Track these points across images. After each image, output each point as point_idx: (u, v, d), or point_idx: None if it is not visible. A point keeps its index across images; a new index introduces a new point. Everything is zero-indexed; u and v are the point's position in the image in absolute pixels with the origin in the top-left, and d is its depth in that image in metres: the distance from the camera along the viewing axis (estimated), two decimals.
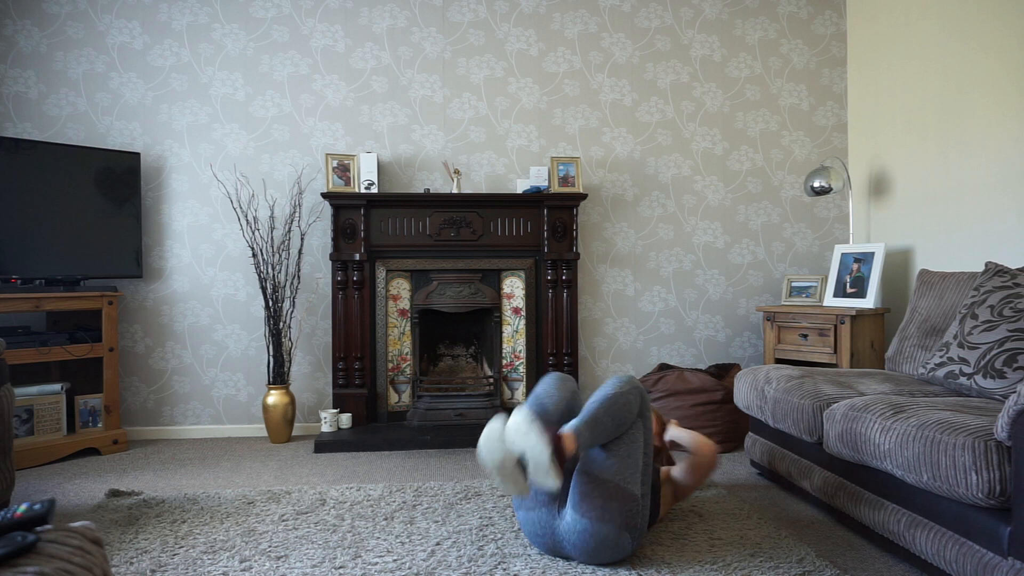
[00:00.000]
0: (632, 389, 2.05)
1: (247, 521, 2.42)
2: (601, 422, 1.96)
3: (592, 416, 1.96)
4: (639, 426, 2.05)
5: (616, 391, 2.03)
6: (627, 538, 1.96)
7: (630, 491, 1.95)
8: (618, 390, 2.03)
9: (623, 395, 2.02)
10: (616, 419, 1.98)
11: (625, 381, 2.08)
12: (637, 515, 1.97)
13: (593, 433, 1.94)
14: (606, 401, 2.00)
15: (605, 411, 1.97)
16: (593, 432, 1.94)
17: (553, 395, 2.14)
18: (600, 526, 1.92)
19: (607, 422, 1.97)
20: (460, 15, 4.03)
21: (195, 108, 3.90)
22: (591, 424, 1.94)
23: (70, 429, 3.53)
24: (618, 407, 2.00)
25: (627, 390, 2.04)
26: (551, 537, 2.01)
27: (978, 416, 1.87)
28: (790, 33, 4.21)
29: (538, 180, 3.86)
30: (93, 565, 1.12)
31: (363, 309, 3.79)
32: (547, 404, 2.10)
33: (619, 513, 1.92)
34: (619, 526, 1.93)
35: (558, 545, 2.01)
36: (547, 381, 2.21)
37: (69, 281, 3.51)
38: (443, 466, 3.21)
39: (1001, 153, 3.07)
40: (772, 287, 4.21)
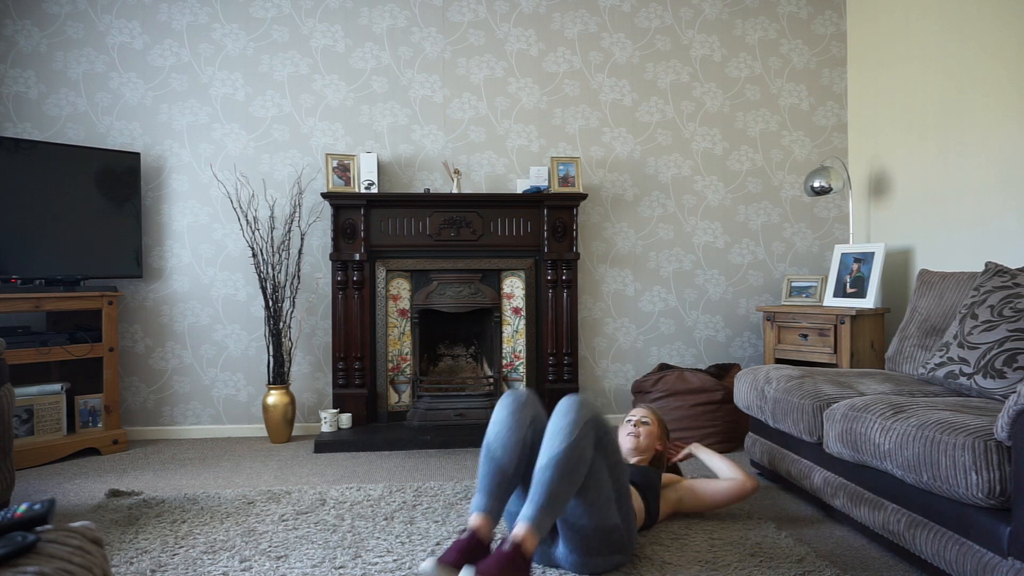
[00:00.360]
0: (583, 430, 1.84)
1: (247, 521, 2.42)
2: (558, 494, 1.78)
3: (547, 493, 1.77)
4: (599, 461, 1.89)
5: (565, 446, 1.81)
6: (618, 557, 1.98)
7: (609, 524, 1.92)
8: (568, 443, 1.81)
9: (574, 447, 1.81)
10: (573, 479, 1.80)
11: (573, 422, 1.85)
12: (622, 538, 1.97)
13: (553, 511, 1.78)
14: (558, 465, 1.79)
15: (559, 479, 1.78)
16: (552, 510, 1.77)
17: (506, 442, 1.93)
18: (589, 558, 1.94)
19: (564, 489, 1.79)
20: (460, 15, 4.03)
21: (195, 108, 3.90)
22: (547, 505, 1.76)
23: (70, 429, 3.53)
24: (572, 466, 1.80)
25: (577, 436, 1.83)
26: (547, 560, 2.03)
27: (978, 416, 1.87)
28: (790, 33, 4.21)
29: (538, 180, 3.86)
30: (93, 565, 1.12)
31: (363, 309, 3.79)
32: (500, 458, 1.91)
33: (604, 545, 1.93)
34: (608, 554, 1.95)
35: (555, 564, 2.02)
36: (498, 417, 1.99)
37: (69, 281, 3.51)
38: (443, 466, 3.21)
39: (1001, 153, 3.07)
40: (772, 287, 4.21)
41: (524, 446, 1.94)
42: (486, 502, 1.88)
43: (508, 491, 1.92)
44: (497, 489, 1.90)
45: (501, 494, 1.90)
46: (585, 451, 1.83)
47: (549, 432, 1.88)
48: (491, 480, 1.91)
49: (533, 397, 2.07)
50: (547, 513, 1.76)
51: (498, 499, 1.89)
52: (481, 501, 1.89)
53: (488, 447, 1.95)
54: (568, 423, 1.85)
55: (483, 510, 1.87)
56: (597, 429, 1.89)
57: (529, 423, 1.98)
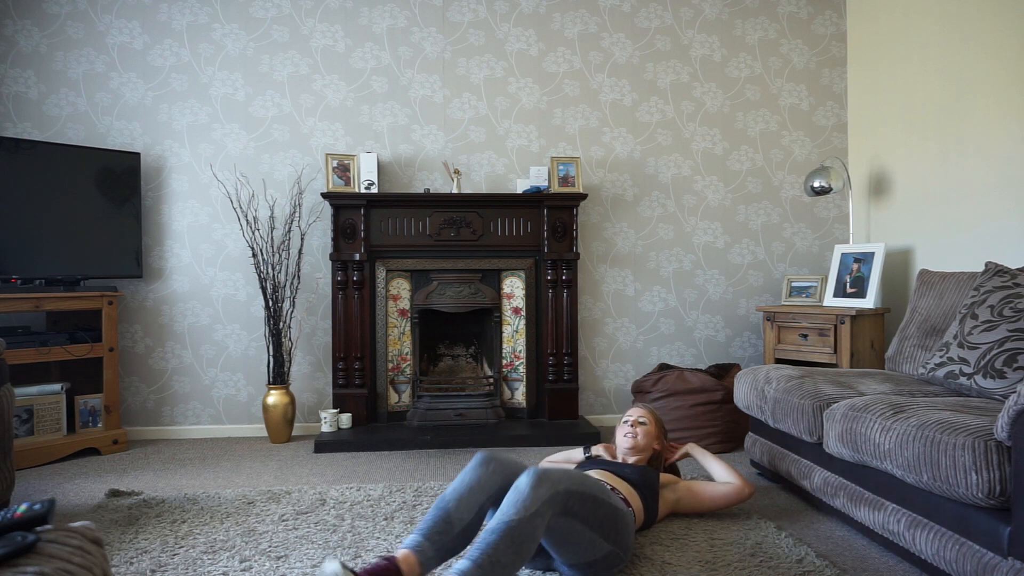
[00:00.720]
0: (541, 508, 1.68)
1: (247, 521, 2.42)
2: (499, 561, 1.60)
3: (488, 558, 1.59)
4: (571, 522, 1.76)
5: (519, 516, 1.65)
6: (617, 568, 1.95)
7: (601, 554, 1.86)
8: (520, 516, 1.65)
9: (525, 523, 1.65)
10: (520, 551, 1.64)
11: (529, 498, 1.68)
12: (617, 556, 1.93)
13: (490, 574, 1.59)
14: (506, 534, 1.63)
15: (505, 548, 1.62)
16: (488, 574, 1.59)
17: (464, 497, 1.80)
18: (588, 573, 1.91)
19: (508, 561, 1.61)
20: (460, 15, 4.03)
21: (195, 108, 3.90)
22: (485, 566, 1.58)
23: (70, 429, 3.53)
24: (521, 539, 1.64)
25: (532, 514, 1.66)
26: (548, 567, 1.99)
27: (978, 416, 1.87)
28: (790, 33, 4.21)
29: (538, 180, 3.86)
30: (93, 565, 1.12)
31: (363, 309, 3.79)
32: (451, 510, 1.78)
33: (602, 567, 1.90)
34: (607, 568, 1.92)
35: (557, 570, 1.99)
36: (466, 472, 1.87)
37: (69, 281, 3.51)
38: (443, 466, 3.21)
39: (1001, 153, 3.07)
40: (772, 287, 4.21)
41: (480, 513, 1.80)
42: (420, 542, 1.71)
43: (446, 548, 1.74)
44: (438, 536, 1.73)
45: (440, 545, 1.73)
46: (537, 529, 1.67)
47: (507, 499, 1.71)
48: (434, 526, 1.75)
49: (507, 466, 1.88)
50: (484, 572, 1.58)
51: (435, 547, 1.72)
52: (415, 539, 1.72)
53: (443, 498, 1.81)
54: (526, 496, 1.69)
55: (413, 548, 1.69)
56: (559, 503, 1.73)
57: (496, 491, 1.83)
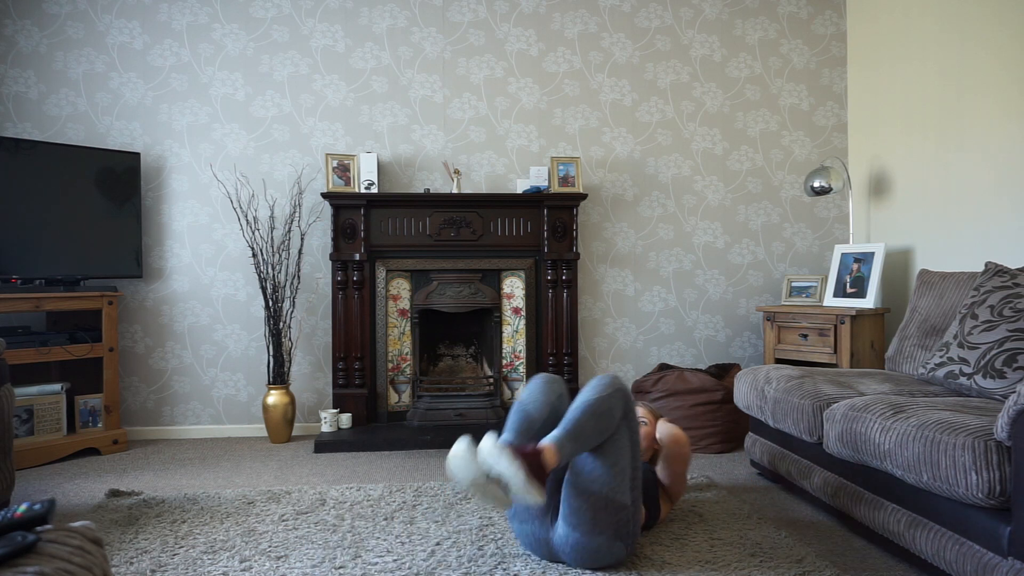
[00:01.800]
0: (615, 392, 1.98)
1: (247, 521, 2.42)
2: (583, 431, 1.90)
3: (573, 426, 1.90)
4: (624, 431, 1.98)
5: (598, 396, 1.96)
6: (620, 546, 1.96)
7: (619, 500, 1.92)
8: (600, 395, 1.96)
9: (605, 400, 1.95)
10: (599, 426, 1.92)
11: (607, 384, 2.00)
12: (628, 523, 1.95)
13: (575, 443, 1.89)
14: (588, 407, 1.93)
15: (587, 419, 1.91)
16: (575, 442, 1.89)
17: (537, 400, 2.11)
18: (592, 538, 1.92)
19: (589, 430, 1.91)
20: (460, 15, 4.03)
21: (195, 108, 3.90)
22: (572, 434, 1.89)
23: (70, 429, 3.53)
24: (600, 413, 1.93)
25: (609, 394, 1.97)
26: (546, 548, 2.01)
27: (978, 416, 1.87)
28: (790, 33, 4.21)
29: (538, 180, 3.86)
30: (93, 565, 1.12)
31: (363, 309, 3.79)
32: (531, 410, 2.08)
33: (610, 524, 1.91)
34: (611, 536, 1.93)
35: (554, 555, 2.02)
36: (532, 385, 2.17)
37: (69, 281, 3.51)
38: (443, 466, 3.21)
39: (1001, 153, 3.07)
40: (772, 287, 4.21)
41: (553, 410, 2.10)
42: (512, 438, 2.01)
43: (532, 439, 2.00)
44: (525, 432, 2.02)
45: (527, 437, 2.01)
46: (614, 408, 1.95)
47: (583, 389, 2.02)
48: (520, 424, 2.05)
49: (562, 382, 2.23)
50: (570, 441, 1.87)
51: (524, 439, 2.00)
52: (507, 436, 2.02)
53: (521, 402, 2.11)
54: (602, 385, 2.00)
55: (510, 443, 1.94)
56: (626, 401, 2.00)
57: (558, 396, 2.15)
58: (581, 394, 2.01)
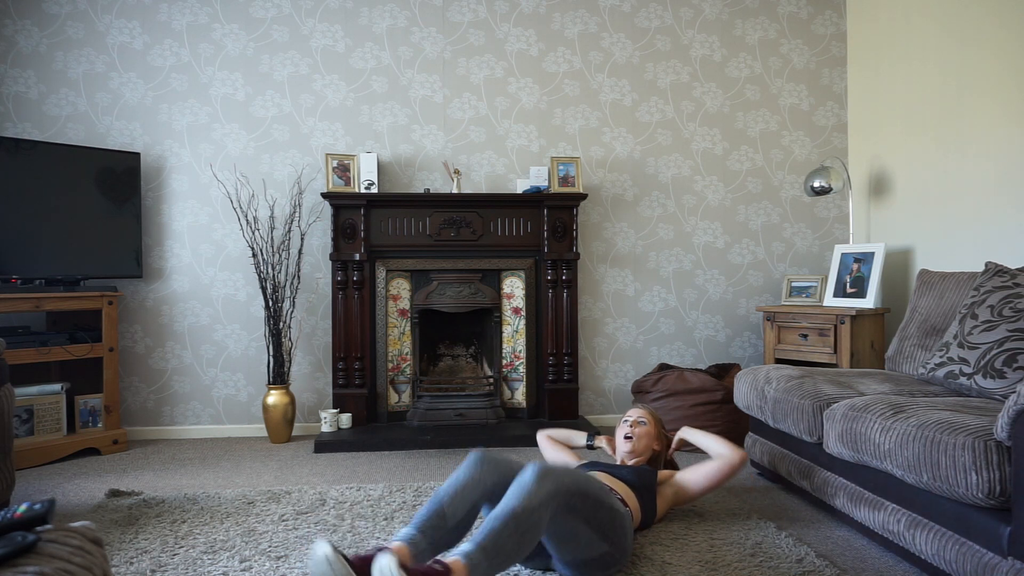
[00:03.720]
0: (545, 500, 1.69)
1: (247, 521, 2.42)
2: (502, 548, 1.61)
3: (491, 540, 1.61)
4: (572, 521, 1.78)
5: (524, 505, 1.66)
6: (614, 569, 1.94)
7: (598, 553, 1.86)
8: (526, 503, 1.66)
9: (532, 512, 1.66)
10: (523, 542, 1.65)
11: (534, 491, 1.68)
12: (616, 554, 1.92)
13: (491, 561, 1.59)
14: (510, 519, 1.64)
15: (508, 534, 1.63)
16: (492, 562, 1.59)
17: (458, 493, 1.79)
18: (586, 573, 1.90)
19: (510, 548, 1.62)
20: (460, 15, 4.03)
21: (195, 108, 3.90)
22: (489, 551, 1.60)
23: (70, 429, 3.52)
24: (525, 529, 1.65)
25: (538, 503, 1.67)
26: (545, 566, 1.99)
27: (978, 416, 1.87)
28: (790, 33, 4.21)
29: (538, 180, 3.86)
30: (93, 565, 1.12)
31: (363, 309, 3.79)
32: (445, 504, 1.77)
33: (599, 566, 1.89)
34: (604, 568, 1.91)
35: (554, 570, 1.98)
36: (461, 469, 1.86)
37: (69, 281, 3.51)
38: (443, 466, 3.21)
39: (1001, 153, 3.07)
40: (772, 287, 4.21)
41: (474, 510, 1.80)
42: (413, 534, 1.70)
43: (439, 541, 1.73)
44: (431, 530, 1.72)
45: (433, 538, 1.72)
46: (541, 520, 1.68)
47: (512, 488, 1.73)
48: (428, 520, 1.74)
49: (501, 465, 1.88)
50: (487, 558, 1.59)
51: (428, 540, 1.70)
52: (407, 532, 1.70)
53: (437, 493, 1.80)
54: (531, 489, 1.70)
55: (406, 540, 1.67)
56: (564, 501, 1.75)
57: (490, 488, 1.83)
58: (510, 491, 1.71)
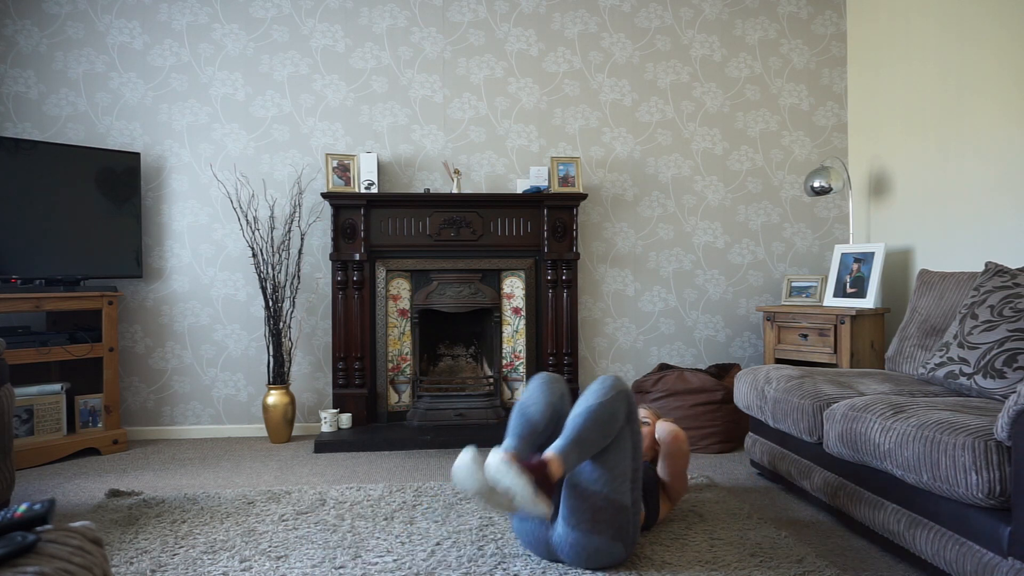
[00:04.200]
0: (618, 395, 1.96)
1: (247, 521, 2.42)
2: (587, 439, 1.89)
3: (577, 434, 1.89)
4: (626, 433, 1.97)
5: (600, 401, 1.94)
6: (619, 547, 1.95)
7: (619, 501, 1.92)
8: (603, 399, 1.94)
9: (607, 404, 1.93)
10: (603, 432, 1.91)
11: (610, 387, 1.98)
12: (628, 523, 1.95)
13: (580, 452, 1.88)
14: (591, 414, 1.92)
15: (591, 426, 1.90)
16: (580, 451, 1.88)
17: (539, 401, 2.09)
18: (591, 537, 1.92)
19: (593, 438, 1.90)
20: (460, 15, 4.03)
21: (195, 108, 3.90)
22: (577, 443, 1.88)
23: (70, 429, 3.53)
24: (603, 420, 1.91)
25: (612, 397, 1.95)
26: (545, 546, 2.01)
27: (978, 416, 1.87)
28: (790, 33, 4.21)
29: (538, 180, 3.86)
30: (93, 565, 1.12)
31: (363, 309, 3.79)
32: (532, 413, 2.06)
33: (609, 524, 1.92)
34: (611, 537, 1.93)
35: (552, 554, 2.01)
36: (533, 385, 2.16)
37: (69, 281, 3.51)
38: (443, 466, 3.21)
39: (1001, 153, 3.07)
40: (772, 287, 4.21)
41: (554, 411, 2.08)
42: (516, 444, 1.98)
43: (535, 444, 2.00)
44: (528, 436, 2.00)
45: (531, 442, 1.99)
46: (618, 412, 1.94)
47: (585, 392, 2.00)
48: (522, 428, 2.02)
49: (563, 381, 2.21)
50: (574, 450, 1.87)
51: (527, 444, 1.98)
52: (510, 442, 1.99)
53: (522, 404, 2.09)
54: (605, 387, 1.98)
55: (513, 449, 1.95)
56: (629, 402, 1.99)
57: (559, 396, 2.12)
58: (583, 397, 1.99)
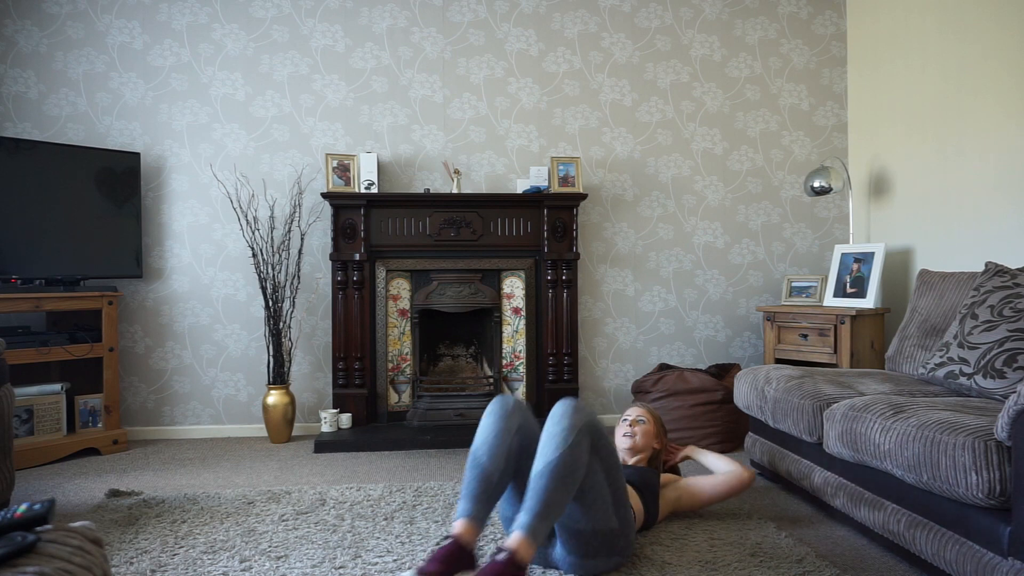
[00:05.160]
0: (578, 436, 1.81)
1: (247, 521, 2.42)
2: (554, 500, 1.74)
3: (543, 502, 1.73)
4: (596, 465, 1.86)
5: (560, 453, 1.78)
6: (616, 559, 1.96)
7: (607, 528, 1.90)
8: (562, 450, 1.78)
9: (568, 454, 1.78)
10: (569, 486, 1.77)
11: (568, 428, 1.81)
12: (621, 539, 1.95)
13: (549, 518, 1.73)
14: (554, 473, 1.76)
15: (555, 486, 1.75)
16: (549, 518, 1.73)
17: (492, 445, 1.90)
18: (588, 560, 1.92)
19: (560, 497, 1.75)
20: (460, 15, 4.03)
21: (195, 108, 3.90)
22: (543, 514, 1.72)
23: (70, 429, 3.52)
24: (567, 473, 1.77)
25: (572, 444, 1.79)
26: (544, 561, 2.01)
27: (978, 416, 1.87)
28: (790, 33, 4.21)
29: (538, 180, 3.86)
30: (93, 565, 1.12)
31: (363, 309, 3.78)
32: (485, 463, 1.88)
33: (603, 548, 1.92)
34: (607, 555, 1.93)
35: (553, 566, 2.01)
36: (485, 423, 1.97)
37: (69, 281, 3.51)
38: (443, 466, 3.21)
39: (1001, 153, 3.07)
40: (772, 287, 4.21)
41: (511, 454, 1.91)
42: (471, 507, 1.83)
43: (494, 498, 1.88)
44: (483, 495, 1.85)
45: (487, 500, 1.86)
46: (580, 457, 1.80)
47: (544, 438, 1.85)
48: (477, 486, 1.86)
49: (520, 404, 2.02)
50: (543, 520, 1.72)
51: (483, 505, 1.85)
52: (466, 507, 1.84)
53: (474, 454, 1.92)
54: (563, 429, 1.83)
55: (468, 515, 1.81)
56: (592, 434, 1.87)
57: (516, 431, 1.95)
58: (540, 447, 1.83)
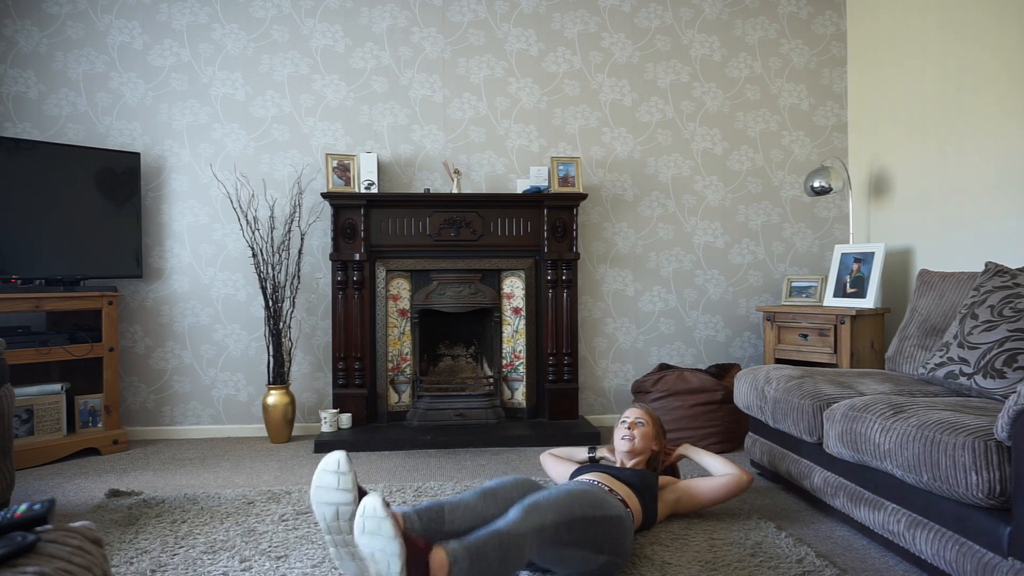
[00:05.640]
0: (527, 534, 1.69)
1: (247, 521, 2.42)
2: (486, 558, 1.61)
3: (477, 548, 1.61)
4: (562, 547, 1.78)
5: (507, 529, 1.67)
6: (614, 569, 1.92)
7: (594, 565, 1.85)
8: (510, 529, 1.67)
9: (514, 538, 1.66)
10: (504, 560, 1.64)
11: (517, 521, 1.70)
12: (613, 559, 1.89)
13: (472, 566, 1.59)
14: (495, 536, 1.65)
15: (494, 548, 1.63)
16: (473, 564, 1.59)
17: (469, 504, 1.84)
18: None
19: (492, 558, 1.62)
20: (460, 15, 4.03)
21: (195, 108, 3.90)
22: (473, 555, 1.59)
23: (70, 429, 3.52)
24: (509, 548, 1.65)
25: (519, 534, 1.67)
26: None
27: (978, 416, 1.87)
28: (790, 33, 4.21)
29: (538, 180, 3.86)
30: (93, 565, 1.12)
31: (363, 309, 3.78)
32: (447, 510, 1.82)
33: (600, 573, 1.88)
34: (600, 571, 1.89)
35: None
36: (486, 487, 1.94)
37: (69, 281, 3.51)
38: (443, 466, 3.21)
39: (1001, 153, 3.07)
40: (772, 287, 4.21)
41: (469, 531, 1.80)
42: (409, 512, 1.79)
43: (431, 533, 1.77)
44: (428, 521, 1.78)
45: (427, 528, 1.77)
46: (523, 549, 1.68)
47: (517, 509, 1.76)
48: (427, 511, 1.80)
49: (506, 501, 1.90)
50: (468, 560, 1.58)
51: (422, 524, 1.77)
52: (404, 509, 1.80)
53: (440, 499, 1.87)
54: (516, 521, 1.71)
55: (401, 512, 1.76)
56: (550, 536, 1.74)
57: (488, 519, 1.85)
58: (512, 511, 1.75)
